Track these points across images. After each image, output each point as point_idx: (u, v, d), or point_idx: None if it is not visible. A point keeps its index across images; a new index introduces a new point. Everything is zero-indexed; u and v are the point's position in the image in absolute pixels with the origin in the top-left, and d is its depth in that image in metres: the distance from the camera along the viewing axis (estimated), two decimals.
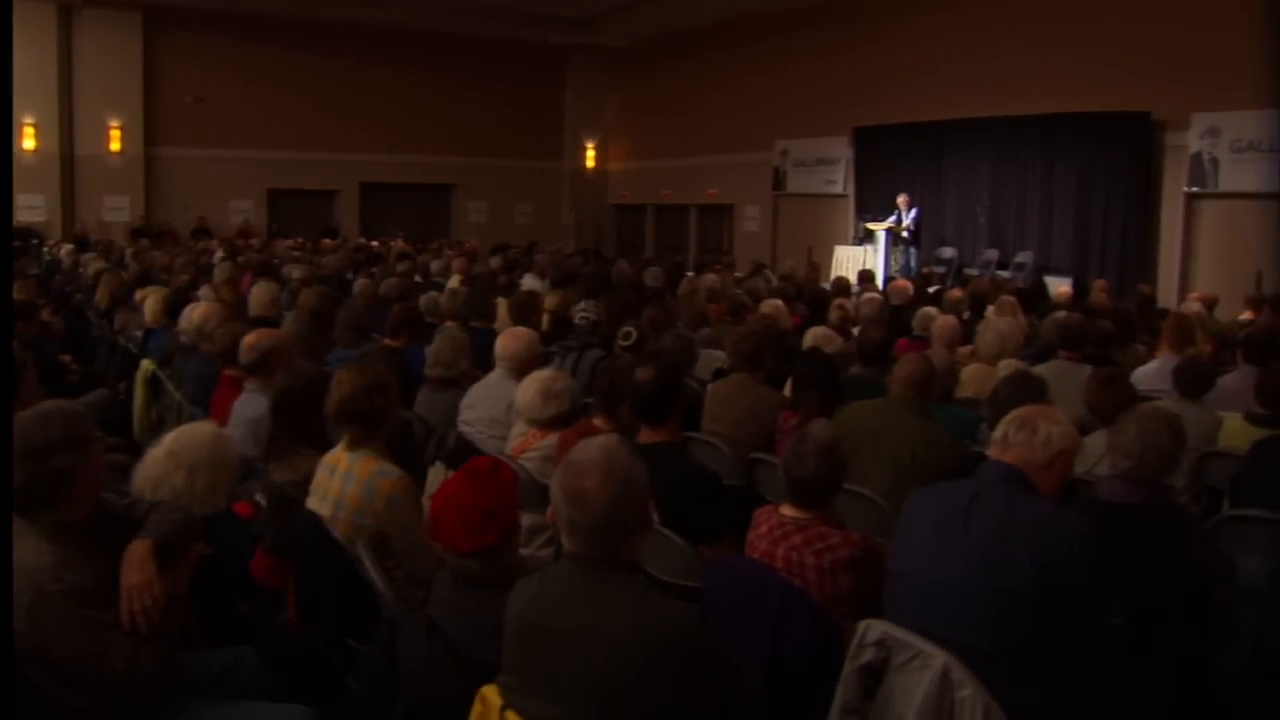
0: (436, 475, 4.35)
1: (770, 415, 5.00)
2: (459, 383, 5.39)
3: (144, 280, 9.87)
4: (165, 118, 21.09)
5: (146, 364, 6.17)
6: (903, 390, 4.41)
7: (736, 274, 13.51)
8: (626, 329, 6.09)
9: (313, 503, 3.46)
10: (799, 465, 3.05)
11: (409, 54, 23.00)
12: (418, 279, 11.43)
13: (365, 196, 23.84)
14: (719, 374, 6.08)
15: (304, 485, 3.56)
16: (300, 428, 3.82)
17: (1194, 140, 13.97)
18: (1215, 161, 13.82)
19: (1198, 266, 14.36)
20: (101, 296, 8.92)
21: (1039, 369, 5.86)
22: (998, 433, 2.86)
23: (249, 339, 4.83)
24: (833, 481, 3.10)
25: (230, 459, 3.47)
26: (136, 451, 4.53)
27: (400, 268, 11.79)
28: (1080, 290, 12.89)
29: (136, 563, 2.62)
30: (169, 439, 3.45)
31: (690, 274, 12.32)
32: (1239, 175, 13.58)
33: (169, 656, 2.64)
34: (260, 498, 3.60)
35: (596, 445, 2.30)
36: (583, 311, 6.50)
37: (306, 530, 3.31)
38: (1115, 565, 2.96)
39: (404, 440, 4.36)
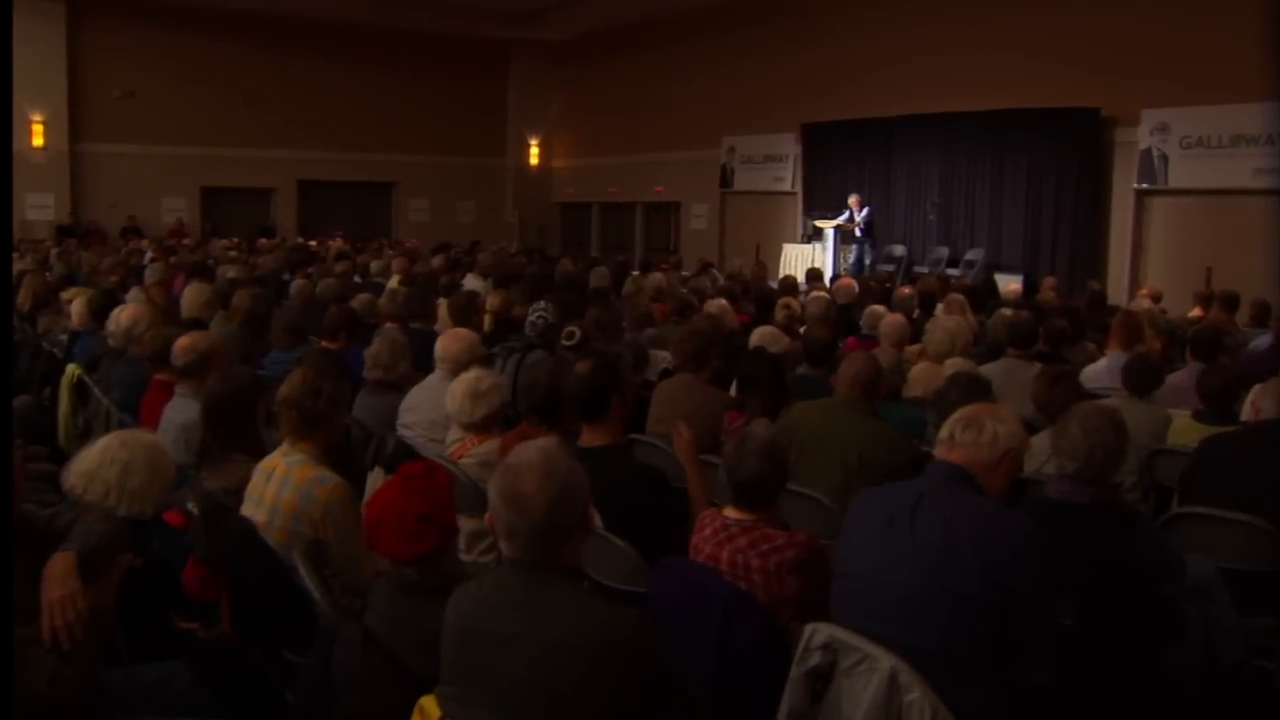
0: (376, 481, 4.32)
1: (716, 416, 5.01)
2: (398, 385, 5.35)
3: (69, 281, 9.68)
4: (92, 112, 20.66)
5: (72, 368, 6.05)
6: (849, 389, 4.45)
7: (683, 273, 13.54)
8: (570, 329, 6.08)
9: (247, 509, 3.42)
10: (741, 466, 3.06)
11: (348, 48, 22.83)
12: (356, 279, 11.33)
13: (303, 195, 23.62)
14: (664, 374, 6.10)
15: (238, 493, 3.51)
16: (234, 433, 3.77)
17: (1144, 136, 14.20)
18: (1165, 158, 14.07)
19: (1148, 263, 14.61)
20: (24, 299, 8.73)
21: (988, 367, 5.95)
22: (944, 432, 2.88)
23: (184, 341, 4.76)
24: (776, 482, 3.11)
25: (167, 466, 3.43)
26: (61, 460, 4.44)
27: (339, 268, 11.68)
28: (1030, 288, 13.08)
29: (59, 576, 2.57)
30: (107, 437, 3.42)
31: (635, 273, 12.32)
32: (1189, 172, 13.83)
33: (93, 674, 2.58)
34: (192, 506, 3.54)
35: (535, 448, 2.29)
36: (539, 312, 6.47)
37: (240, 539, 3.27)
38: (1063, 564, 2.97)
39: (342, 445, 4.32)
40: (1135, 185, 14.47)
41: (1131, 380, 5.26)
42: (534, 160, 26.39)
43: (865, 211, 16.37)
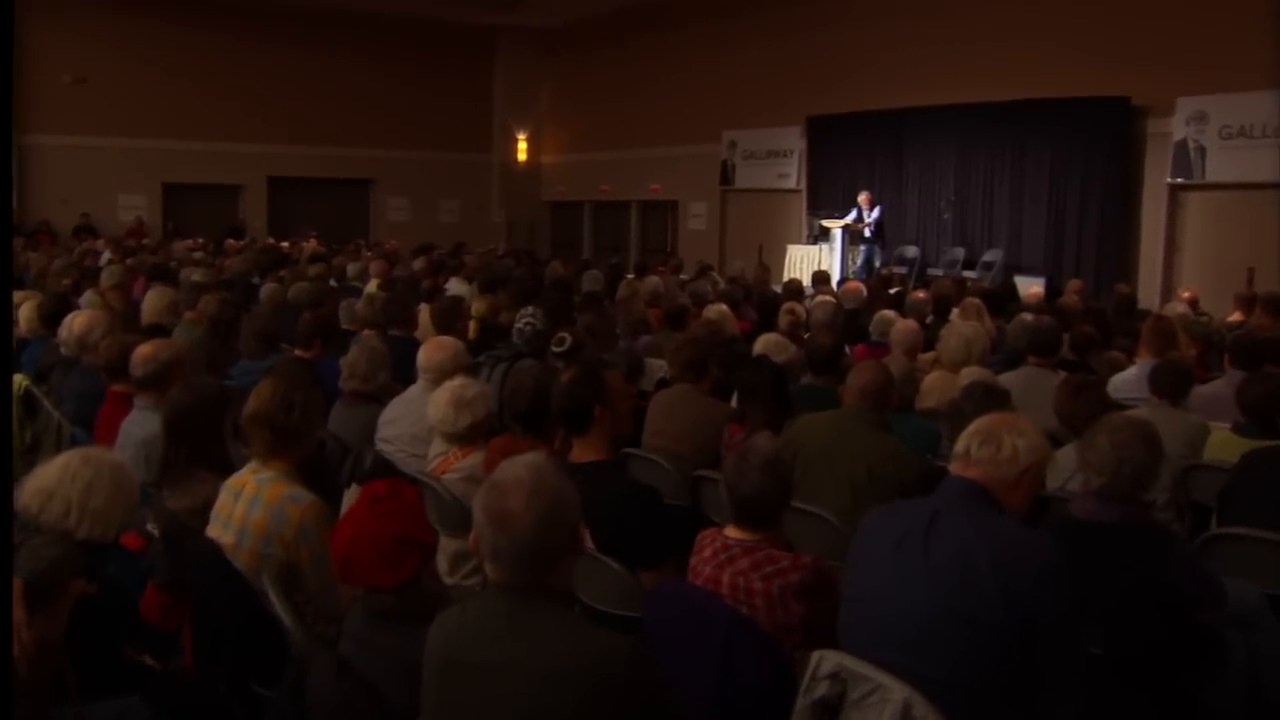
0: (353, 499, 4.31)
1: (716, 428, 5.03)
2: (377, 397, 5.35)
3: (16, 284, 9.64)
4: (39, 101, 19.65)
5: (20, 379, 6.04)
6: (858, 400, 4.45)
7: (681, 276, 13.54)
8: (561, 335, 6.09)
9: (213, 531, 3.41)
10: (743, 482, 3.06)
11: (322, 34, 22.84)
12: (332, 283, 11.32)
13: (273, 192, 23.59)
14: (661, 385, 6.09)
15: (203, 513, 3.50)
16: (199, 448, 3.76)
17: (1179, 127, 14.06)
18: (1202, 150, 13.94)
19: (1182, 264, 14.50)
20: None
21: (1007, 377, 5.95)
22: (959, 446, 2.87)
23: (144, 350, 4.75)
24: (779, 499, 3.11)
25: (131, 486, 3.39)
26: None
27: (313, 271, 11.67)
28: (1053, 291, 13.07)
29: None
30: (67, 454, 3.40)
31: (630, 276, 12.31)
32: (1228, 164, 13.69)
33: (41, 712, 2.57)
34: (152, 527, 3.53)
35: (522, 463, 2.29)
36: (528, 318, 6.48)
37: (205, 562, 3.26)
38: (1091, 589, 2.97)
39: (317, 461, 4.31)
40: (1169, 180, 14.35)
41: (1161, 385, 5.24)
42: (522, 156, 26.41)
43: (876, 211, 16.35)
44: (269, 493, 3.38)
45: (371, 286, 10.49)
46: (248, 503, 3.39)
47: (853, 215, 16.40)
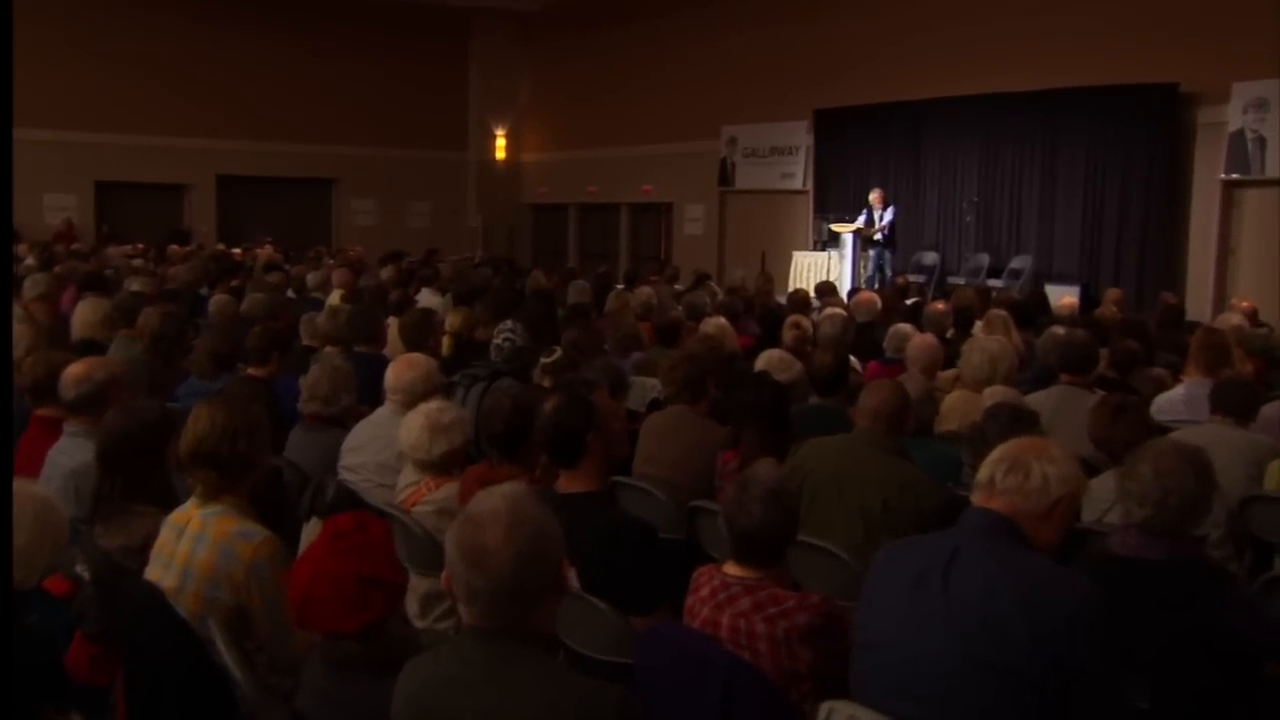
0: (313, 534, 4.30)
1: (714, 454, 5.03)
2: (340, 421, 5.34)
3: None
4: None
5: None
6: (870, 423, 4.45)
7: (676, 286, 13.56)
8: (551, 348, 6.10)
9: (152, 573, 3.38)
10: (743, 514, 3.06)
11: (279, 17, 22.87)
12: (290, 294, 11.31)
13: (223, 192, 23.57)
14: (654, 406, 6.09)
15: (140, 552, 3.47)
16: (137, 480, 3.73)
17: (1234, 116, 13.90)
18: (1261, 141, 13.76)
19: (1238, 270, 14.36)
20: None
21: (1036, 397, 5.96)
22: (983, 474, 2.86)
23: (76, 369, 4.72)
24: (784, 533, 3.12)
25: (60, 525, 3.36)
26: None
27: (268, 280, 11.65)
28: (1089, 301, 13.04)
29: None
30: None
31: (620, 287, 12.33)
32: None
33: None
34: (82, 569, 3.49)
35: (499, 494, 2.30)
36: (506, 333, 6.48)
37: (142, 608, 3.22)
38: (1134, 634, 2.95)
39: (272, 493, 4.30)
40: (1222, 175, 14.21)
41: (1226, 401, 5.20)
42: (500, 154, 26.48)
43: (889, 212, 16.33)
44: (216, 529, 3.35)
45: (334, 298, 10.49)
46: (192, 540, 3.35)
47: (863, 218, 16.35)
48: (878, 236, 16.29)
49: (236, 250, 18.00)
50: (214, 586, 3.28)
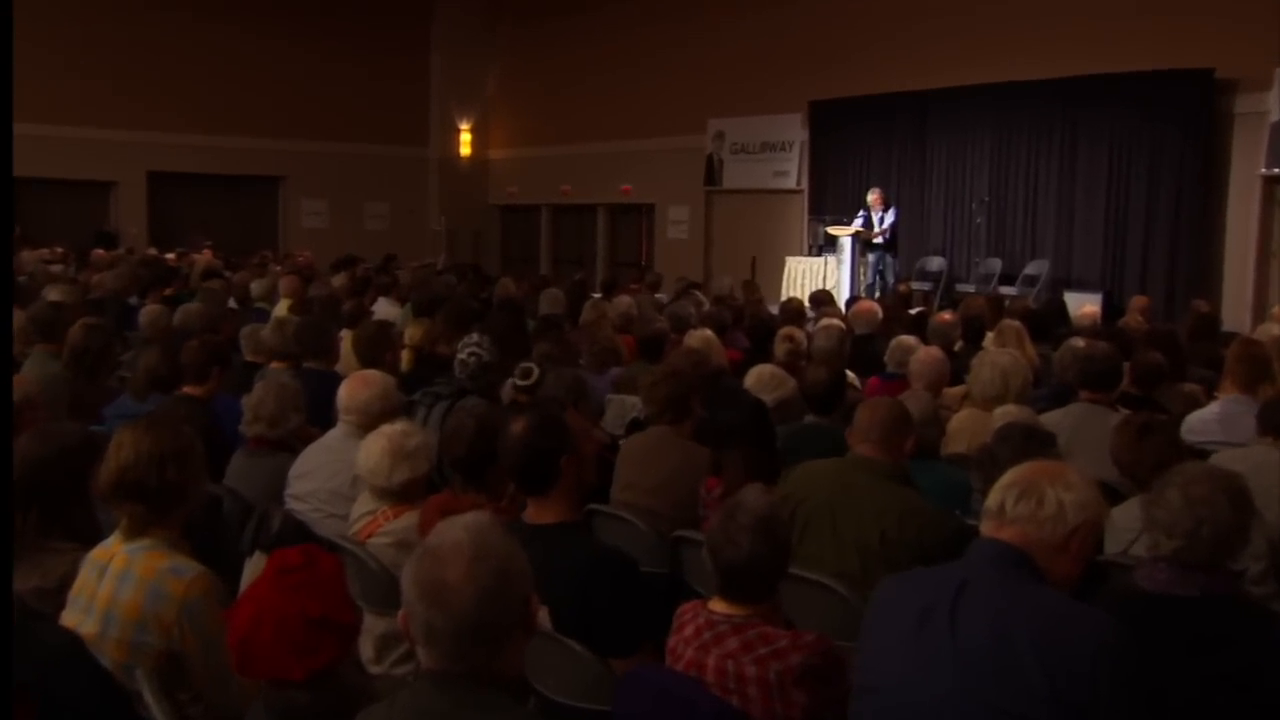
0: (256, 571, 4.28)
1: (700, 480, 5.03)
2: (288, 444, 5.34)
3: None
4: None
5: None
6: (866, 445, 4.46)
7: (658, 296, 13.58)
8: (526, 365, 6.09)
9: (70, 617, 3.33)
10: (730, 546, 3.06)
11: None
12: (232, 304, 11.28)
13: (156, 191, 23.38)
14: (634, 426, 6.09)
15: (57, 594, 3.42)
16: (55, 512, 3.68)
17: (1276, 104, 13.90)
18: None
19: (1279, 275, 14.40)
20: None
21: (1052, 416, 5.98)
22: (992, 501, 2.86)
23: None
24: (774, 566, 3.12)
25: None
26: None
27: (207, 288, 11.61)
28: (1113, 310, 13.06)
29: None
30: None
31: (597, 296, 12.34)
32: None
33: None
34: None
35: (461, 525, 2.30)
36: (472, 347, 6.48)
37: (58, 657, 3.16)
38: (1163, 680, 2.93)
39: (210, 525, 4.28)
40: (1262, 170, 14.21)
41: (1273, 420, 5.19)
42: (465, 150, 26.49)
43: (890, 214, 16.37)
44: (144, 566, 3.30)
45: (281, 308, 10.46)
46: (116, 579, 3.30)
47: (859, 220, 16.39)
48: (878, 240, 16.31)
49: (171, 255, 17.88)
50: (141, 631, 3.24)
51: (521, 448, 3.78)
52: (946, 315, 9.85)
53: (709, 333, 8.34)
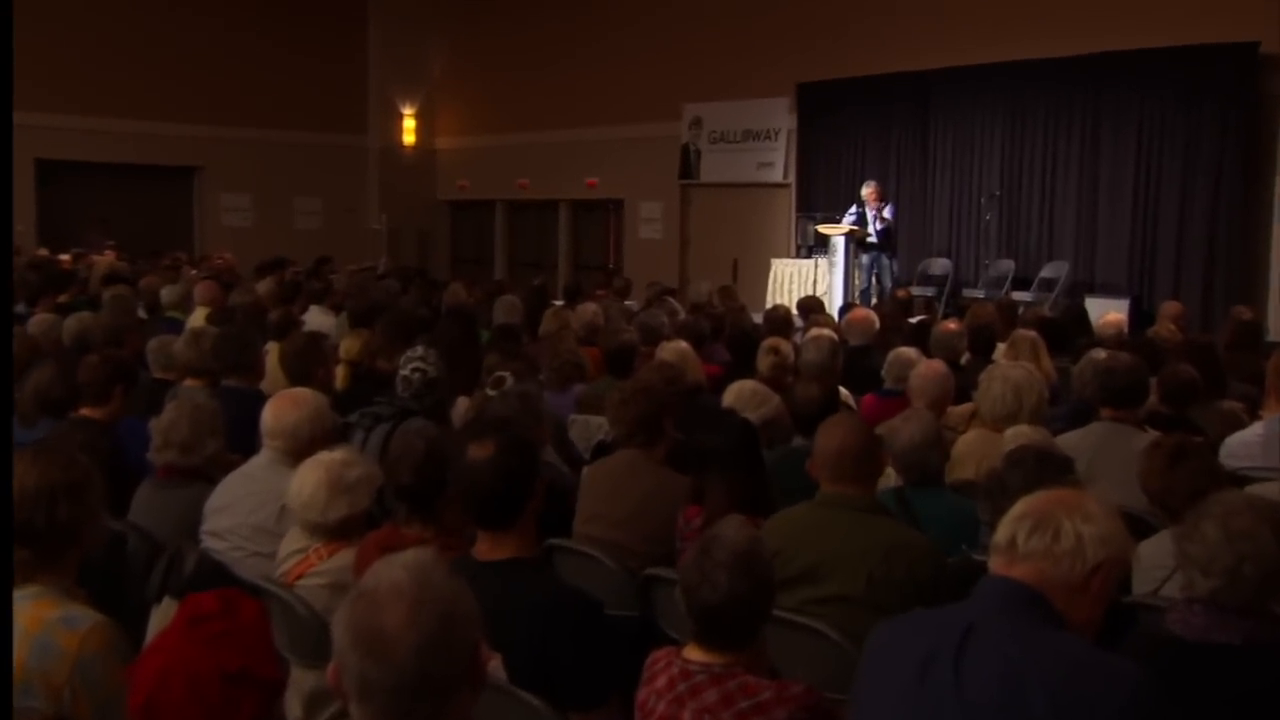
0: (166, 619, 4.25)
1: (673, 511, 5.05)
2: (204, 473, 5.31)
3: None
4: None
5: None
6: (842, 483, 4.43)
7: (628, 303, 13.59)
8: (499, 375, 6.08)
9: None
10: (706, 585, 3.07)
11: None
12: (141, 314, 11.22)
13: (45, 182, 23.05)
14: (600, 450, 6.09)
15: None
16: None
17: None
18: None
19: None
20: None
21: (1071, 437, 6.02)
22: (1002, 535, 2.86)
23: None
24: (757, 608, 3.12)
25: None
26: None
27: (109, 295, 11.54)
28: (1141, 318, 13.09)
29: None
30: None
31: (558, 304, 12.35)
32: None
33: None
34: None
35: (400, 564, 2.28)
36: (416, 361, 6.48)
37: None
38: None
39: (110, 567, 4.26)
40: None
41: None
42: (408, 138, 26.48)
43: (887, 211, 16.27)
44: (30, 617, 3.24)
45: (196, 318, 10.43)
46: None
47: (851, 217, 16.25)
48: (872, 239, 16.20)
49: (65, 256, 17.79)
50: (25, 694, 3.17)
51: (489, 477, 3.76)
52: (952, 324, 9.87)
53: (684, 345, 8.36)
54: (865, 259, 16.32)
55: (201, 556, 4.57)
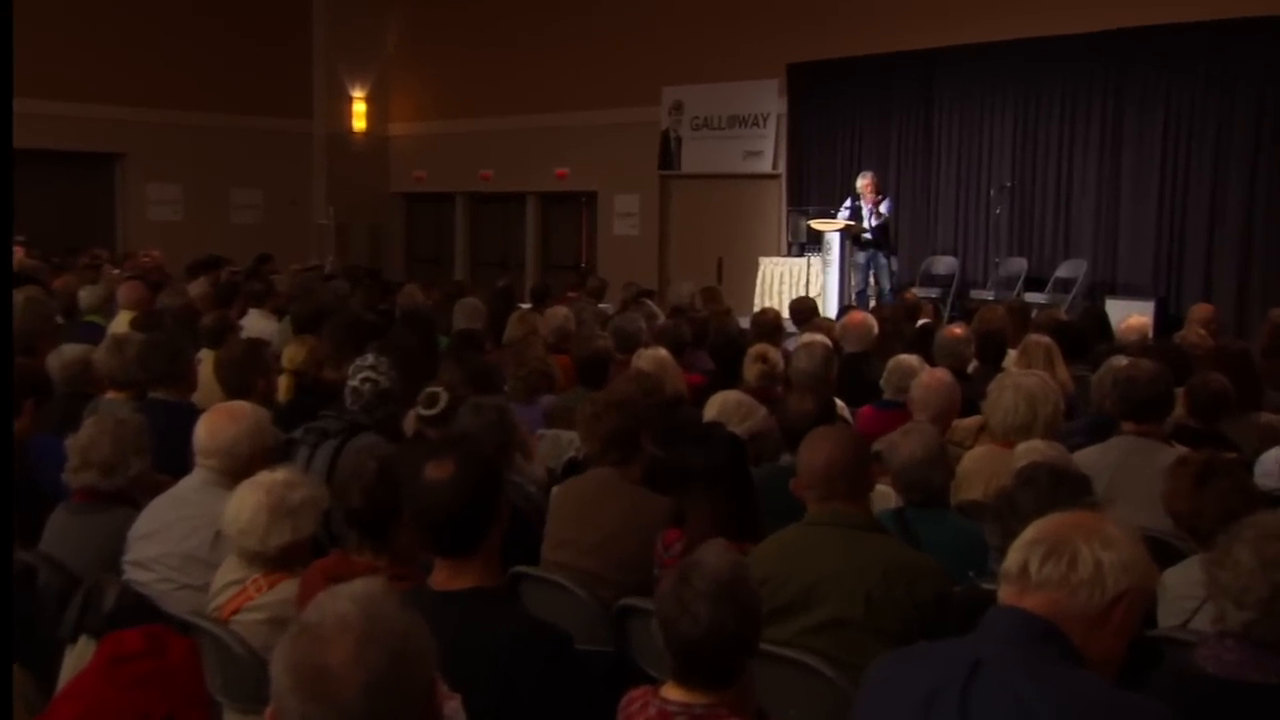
0: (83, 660, 4.23)
1: (650, 535, 5.05)
2: (127, 496, 5.30)
3: None
4: None
5: None
6: (835, 500, 4.43)
7: (601, 305, 13.60)
8: (432, 391, 6.07)
9: None
10: (685, 617, 3.07)
11: None
12: (59, 320, 11.18)
13: None
14: (571, 468, 6.08)
15: None
16: None
17: None
18: None
19: None
20: None
21: (1089, 453, 6.04)
22: (1012, 561, 2.85)
23: None
24: (741, 642, 3.12)
25: None
26: None
27: (19, 298, 11.51)
28: (1167, 322, 13.12)
29: None
30: None
31: (525, 307, 12.35)
32: None
33: None
34: None
35: (347, 595, 2.28)
36: (367, 371, 6.48)
37: None
38: None
39: (18, 602, 4.23)
40: None
41: None
42: (359, 124, 26.45)
43: (885, 205, 16.24)
44: None
45: (120, 323, 10.39)
46: None
47: (846, 211, 16.22)
48: (868, 235, 16.16)
49: None
50: None
51: (450, 500, 3.75)
52: (958, 329, 9.89)
53: (663, 352, 8.36)
54: (861, 258, 16.28)
55: (123, 590, 4.57)
